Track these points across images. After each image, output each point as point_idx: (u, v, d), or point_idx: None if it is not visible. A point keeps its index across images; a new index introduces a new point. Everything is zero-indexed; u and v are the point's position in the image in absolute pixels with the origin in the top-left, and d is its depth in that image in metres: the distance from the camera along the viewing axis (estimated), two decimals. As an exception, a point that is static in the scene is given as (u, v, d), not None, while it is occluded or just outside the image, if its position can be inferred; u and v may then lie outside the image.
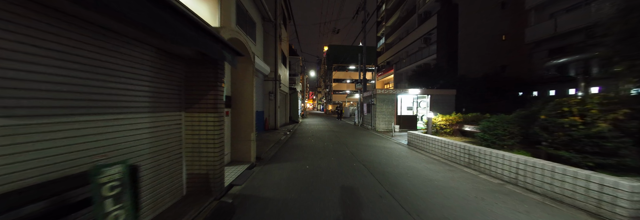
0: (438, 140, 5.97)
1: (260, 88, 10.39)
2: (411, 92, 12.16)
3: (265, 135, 9.01)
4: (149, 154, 2.54)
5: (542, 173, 3.48)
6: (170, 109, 2.90)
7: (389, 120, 12.03)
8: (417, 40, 21.57)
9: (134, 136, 2.35)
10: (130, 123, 2.32)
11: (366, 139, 9.04)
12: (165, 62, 2.78)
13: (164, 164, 2.78)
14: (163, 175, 2.76)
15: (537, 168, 3.54)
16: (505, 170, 4.05)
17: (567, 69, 9.50)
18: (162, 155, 2.75)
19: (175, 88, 2.96)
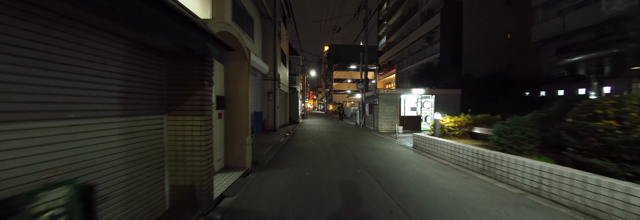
0: (447, 143, 5.57)
1: (259, 88, 10.01)
2: (415, 91, 11.76)
3: (264, 137, 8.63)
4: (121, 165, 2.16)
5: (570, 183, 3.09)
6: (149, 111, 2.52)
7: (392, 121, 11.64)
8: (420, 39, 21.15)
9: (100, 145, 1.96)
10: (96, 130, 1.94)
11: (369, 141, 8.65)
12: (143, 57, 2.39)
13: (142, 176, 2.40)
14: (140, 189, 2.38)
15: (565, 177, 3.14)
16: (526, 178, 3.66)
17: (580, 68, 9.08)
18: (138, 165, 2.37)
19: (155, 88, 2.58)
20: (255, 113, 9.18)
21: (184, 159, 2.76)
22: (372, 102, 12.74)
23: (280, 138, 8.70)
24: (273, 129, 10.87)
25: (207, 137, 2.83)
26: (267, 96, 10.73)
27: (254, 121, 8.88)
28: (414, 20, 23.05)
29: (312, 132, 11.08)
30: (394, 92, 11.69)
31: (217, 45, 2.51)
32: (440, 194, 3.34)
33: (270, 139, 8.22)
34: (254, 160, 5.09)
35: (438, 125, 6.94)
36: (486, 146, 5.20)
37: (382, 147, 7.25)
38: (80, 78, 1.80)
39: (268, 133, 9.88)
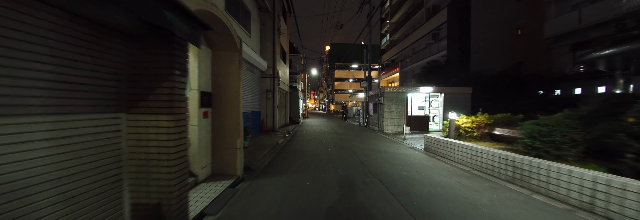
0: (467, 146, 4.92)
1: (257, 86, 9.40)
2: (423, 90, 11.10)
3: (261, 139, 8.00)
4: (51, 181, 1.55)
5: (638, 199, 2.45)
6: (99, 108, 1.90)
7: (399, 121, 10.98)
8: (425, 36, 20.48)
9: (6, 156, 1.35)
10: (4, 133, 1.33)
11: (375, 142, 8.00)
12: (89, 37, 1.78)
13: (88, 194, 1.78)
14: (86, 212, 1.76)
15: (631, 192, 2.50)
16: (573, 191, 3.01)
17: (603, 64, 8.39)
18: (83, 180, 1.75)
19: (110, 77, 1.96)
20: (253, 112, 8.57)
21: (149, 170, 2.14)
22: (376, 101, 12.09)
23: (279, 139, 8.08)
24: (272, 130, 10.25)
25: (178, 142, 2.20)
26: (266, 95, 10.12)
27: (251, 121, 8.27)
28: (419, 17, 22.37)
29: (314, 133, 10.45)
30: (400, 90, 11.03)
31: (185, 18, 1.89)
32: (471, 211, 2.70)
33: (268, 141, 7.60)
34: (247, 166, 4.47)
35: (453, 125, 6.29)
36: (513, 150, 4.55)
37: (390, 150, 6.61)
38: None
39: (266, 134, 9.26)
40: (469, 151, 4.88)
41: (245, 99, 7.89)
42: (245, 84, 7.88)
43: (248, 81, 8.10)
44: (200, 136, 3.59)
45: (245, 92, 7.79)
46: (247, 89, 8.01)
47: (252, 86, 8.57)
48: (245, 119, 7.71)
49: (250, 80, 8.44)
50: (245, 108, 7.85)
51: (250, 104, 8.35)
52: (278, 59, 10.76)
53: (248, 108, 8.08)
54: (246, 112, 7.77)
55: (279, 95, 12.01)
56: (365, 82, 14.31)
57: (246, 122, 7.61)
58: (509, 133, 5.24)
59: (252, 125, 8.68)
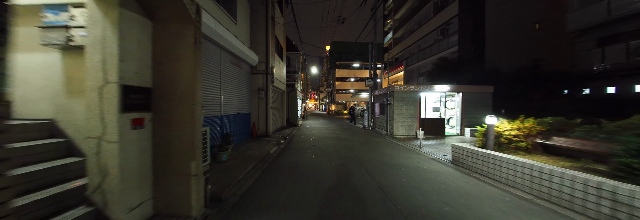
0: (524, 164, 3.52)
1: (245, 83, 7.99)
2: (438, 88, 9.70)
3: (249, 147, 6.60)
4: None
5: None
6: None
7: (410, 124, 9.58)
8: (433, 31, 19.10)
9: None
10: None
11: (387, 151, 6.61)
12: None
13: None
14: None
15: None
16: None
17: None
18: None
19: None
20: (240, 115, 7.17)
21: None
22: (384, 101, 10.69)
23: (272, 147, 6.68)
24: (265, 135, 8.85)
25: None
26: (258, 94, 8.72)
27: (238, 125, 6.86)
28: (426, 12, 21.00)
29: (313, 139, 9.04)
30: (412, 89, 9.63)
31: None
32: None
33: (257, 150, 6.20)
34: (216, 195, 3.08)
35: (492, 133, 4.89)
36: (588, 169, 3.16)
37: (409, 163, 5.21)
38: None
39: (257, 140, 7.85)
40: (528, 171, 3.48)
41: (231, 99, 6.49)
42: (231, 81, 6.49)
43: (233, 77, 6.72)
44: (126, 159, 2.20)
45: (230, 90, 6.40)
46: (232, 87, 6.62)
47: (238, 83, 7.18)
48: (231, 122, 6.32)
49: (237, 76, 7.04)
50: (230, 110, 6.45)
51: (236, 105, 6.96)
52: (272, 53, 9.36)
53: (233, 109, 6.69)
54: (230, 114, 6.38)
55: (274, 94, 10.61)
56: (371, 80, 12.92)
57: (231, 127, 6.22)
58: (577, 145, 3.85)
59: (240, 130, 7.28)
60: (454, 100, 10.33)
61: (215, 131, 5.54)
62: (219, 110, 5.69)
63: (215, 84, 5.48)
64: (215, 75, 5.46)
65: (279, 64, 11.20)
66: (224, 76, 5.95)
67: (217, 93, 5.63)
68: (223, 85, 5.92)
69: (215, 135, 5.52)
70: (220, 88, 5.75)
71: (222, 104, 5.85)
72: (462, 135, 9.79)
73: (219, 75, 5.75)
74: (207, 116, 5.06)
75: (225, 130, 6.03)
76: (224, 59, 5.97)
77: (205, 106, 4.99)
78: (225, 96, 6.05)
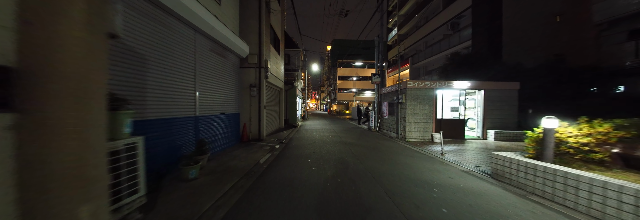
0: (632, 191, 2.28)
1: (233, 77, 6.76)
2: (457, 85, 8.45)
3: (235, 155, 5.38)
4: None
5: None
6: None
7: (425, 126, 8.34)
8: (442, 26, 17.84)
9: None
10: None
11: (405, 160, 5.37)
12: None
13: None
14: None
15: None
16: None
17: None
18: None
19: None
20: (227, 116, 5.94)
21: None
22: (393, 100, 9.45)
23: (263, 155, 5.45)
24: (257, 138, 7.63)
25: None
26: (249, 91, 7.49)
27: (222, 128, 5.63)
28: (434, 6, 19.73)
29: (314, 143, 7.81)
30: (427, 86, 8.38)
31: None
32: None
33: (244, 158, 4.97)
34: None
35: (551, 139, 3.65)
36: None
37: (439, 179, 3.98)
38: None
39: (247, 145, 6.62)
40: (632, 199, 2.24)
41: (211, 96, 5.26)
42: (211, 74, 5.26)
43: (215, 69, 5.49)
44: None
45: (209, 85, 5.17)
46: (214, 81, 5.39)
47: (222, 77, 5.95)
48: (211, 125, 5.09)
49: (220, 69, 5.82)
50: (210, 109, 5.22)
51: (220, 104, 5.73)
52: (267, 45, 8.13)
53: (215, 109, 5.46)
54: (209, 115, 5.14)
55: (269, 92, 9.39)
56: (377, 76, 11.67)
57: (210, 131, 4.99)
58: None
59: (226, 134, 6.05)
60: (473, 98, 9.08)
61: (187, 137, 4.32)
62: (192, 110, 4.46)
63: (184, 75, 4.25)
64: (184, 64, 4.23)
65: (275, 58, 9.98)
66: (199, 67, 4.72)
67: (190, 88, 4.40)
68: (199, 78, 4.69)
69: (187, 143, 4.29)
70: (194, 81, 4.53)
71: (198, 102, 4.63)
72: (484, 138, 8.54)
73: (193, 65, 4.52)
74: (170, 118, 3.84)
75: (203, 135, 4.80)
76: (200, 45, 4.74)
77: (165, 104, 3.76)
78: (202, 92, 4.82)
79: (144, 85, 3.32)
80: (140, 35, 3.23)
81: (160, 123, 3.57)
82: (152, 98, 3.46)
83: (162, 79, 3.65)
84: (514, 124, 8.73)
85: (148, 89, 3.38)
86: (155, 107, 3.53)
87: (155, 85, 3.51)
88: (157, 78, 3.55)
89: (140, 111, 3.23)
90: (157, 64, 3.55)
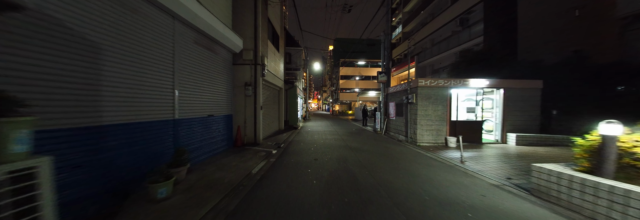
0: None
1: (225, 75, 6.03)
2: (473, 84, 7.67)
3: (224, 163, 4.65)
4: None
5: None
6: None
7: (438, 129, 7.56)
8: (450, 22, 16.99)
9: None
10: None
11: (421, 170, 4.61)
12: None
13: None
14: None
15: None
16: None
17: None
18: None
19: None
20: (215, 118, 5.22)
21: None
22: (402, 100, 8.68)
23: (257, 163, 4.72)
24: (253, 143, 6.91)
25: None
26: (244, 90, 6.77)
27: (209, 133, 4.91)
28: (441, 2, 18.90)
29: (315, 148, 7.07)
30: (441, 84, 7.60)
31: None
32: None
33: (234, 169, 4.23)
34: None
35: (613, 150, 2.89)
36: None
37: (469, 198, 3.22)
38: None
39: (240, 151, 5.89)
40: None
41: (195, 96, 4.53)
42: (196, 70, 4.54)
43: (201, 65, 4.76)
44: None
45: (193, 82, 4.45)
46: (199, 78, 4.66)
47: (211, 74, 5.23)
48: (195, 129, 4.38)
49: (207, 64, 5.10)
50: (194, 111, 4.50)
51: (208, 104, 5.00)
52: (264, 40, 7.40)
53: (201, 110, 4.74)
54: (193, 118, 4.41)
55: (267, 92, 8.66)
56: (383, 75, 10.90)
57: (194, 136, 4.28)
58: None
59: (215, 139, 5.33)
60: (490, 98, 8.28)
61: (162, 145, 3.59)
62: (169, 112, 3.74)
63: (159, 70, 3.53)
64: (158, 57, 3.51)
65: (273, 55, 9.25)
66: (180, 61, 4.00)
67: (166, 85, 3.68)
68: (179, 74, 3.96)
69: (162, 152, 3.56)
70: (172, 78, 3.80)
71: (177, 103, 3.90)
72: (503, 142, 7.75)
73: (171, 59, 3.80)
74: (137, 122, 3.12)
75: (184, 141, 4.07)
76: (180, 35, 4.02)
77: (130, 105, 3.04)
78: (183, 91, 4.10)
79: (98, 82, 2.60)
80: (92, 18, 2.52)
81: (122, 129, 2.85)
82: (110, 98, 2.74)
83: (126, 75, 2.94)
84: (537, 127, 7.92)
85: (104, 87, 2.66)
86: (115, 109, 2.81)
87: (114, 82, 2.80)
88: (119, 73, 2.84)
89: (91, 115, 2.51)
90: (118, 55, 2.83)
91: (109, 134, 2.75)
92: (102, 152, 2.64)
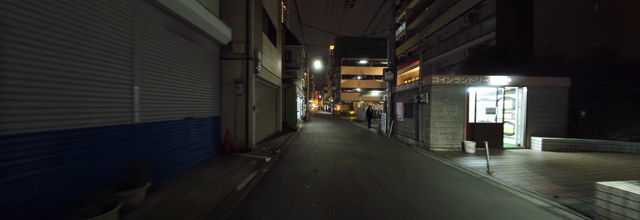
0: None
1: (209, 70, 5.17)
2: (494, 81, 6.81)
3: (202, 177, 3.81)
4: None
5: None
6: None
7: (454, 133, 6.70)
8: (458, 18, 16.12)
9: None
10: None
11: (444, 185, 3.77)
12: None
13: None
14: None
15: None
16: None
17: None
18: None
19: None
20: (196, 121, 4.38)
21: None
22: (412, 99, 7.84)
23: (243, 177, 3.87)
24: (244, 148, 6.07)
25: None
26: (234, 88, 5.93)
27: (188, 139, 4.06)
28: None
29: (315, 155, 6.23)
30: (457, 82, 6.74)
31: None
32: None
33: (212, 186, 3.39)
34: None
35: None
36: None
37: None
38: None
39: (227, 160, 5.05)
40: None
41: (167, 94, 3.69)
42: (167, 62, 3.70)
43: (178, 56, 3.92)
44: None
45: (169, 77, 3.62)
46: (176, 73, 3.82)
47: (190, 68, 4.38)
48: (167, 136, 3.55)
49: (186, 56, 4.26)
50: (166, 112, 3.66)
51: (184, 104, 4.15)
52: (257, 31, 6.57)
53: (176, 112, 3.89)
54: (166, 121, 3.55)
55: (262, 90, 7.83)
56: (390, 72, 10.05)
57: (166, 145, 3.45)
58: None
59: (195, 147, 4.49)
60: (511, 98, 7.41)
61: (115, 158, 2.75)
62: (125, 115, 2.90)
63: (106, 60, 2.69)
64: (104, 43, 2.66)
65: (270, 50, 8.41)
66: (142, 50, 3.16)
67: (120, 80, 2.83)
68: (141, 66, 3.12)
69: (112, 168, 2.71)
70: (130, 71, 2.96)
71: (138, 103, 3.05)
72: (527, 147, 6.89)
73: (129, 46, 2.95)
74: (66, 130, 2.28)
75: (149, 152, 3.23)
76: (143, 16, 3.17)
77: (54, 107, 2.21)
78: (148, 88, 3.26)
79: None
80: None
81: (33, 142, 2.02)
82: (13, 96, 1.91)
83: (45, 63, 2.11)
84: (563, 130, 7.06)
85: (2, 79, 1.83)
86: (24, 113, 1.98)
87: (24, 73, 1.96)
88: (28, 61, 2.00)
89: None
90: (29, 34, 2.00)
91: (20, 146, 1.92)
92: (9, 172, 1.82)
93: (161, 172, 3.43)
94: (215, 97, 5.42)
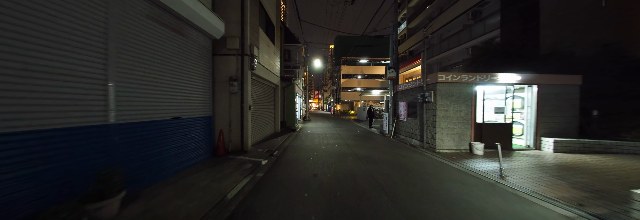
0: None
1: (199, 66, 4.80)
2: (503, 79, 6.47)
3: (190, 183, 3.47)
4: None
5: None
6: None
7: (462, 133, 6.36)
8: (461, 15, 15.77)
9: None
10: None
11: (457, 193, 3.43)
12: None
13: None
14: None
15: None
16: None
17: None
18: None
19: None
20: (184, 121, 4.02)
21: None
22: (416, 98, 7.50)
23: (235, 182, 3.53)
24: (239, 150, 5.72)
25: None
26: (229, 86, 5.58)
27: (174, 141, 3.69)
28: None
29: (315, 157, 5.88)
30: (464, 79, 6.40)
31: None
32: None
33: (200, 194, 3.04)
34: None
35: None
36: None
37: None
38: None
39: (219, 163, 4.70)
40: None
41: (150, 90, 3.33)
42: (154, 57, 3.34)
43: (164, 50, 3.57)
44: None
45: (152, 73, 3.27)
46: (161, 68, 3.46)
47: (178, 63, 4.03)
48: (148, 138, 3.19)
49: (173, 50, 3.90)
50: (150, 112, 3.31)
51: (171, 102, 3.80)
52: (253, 26, 6.21)
53: (163, 112, 3.54)
54: (149, 121, 3.20)
55: (259, 89, 7.48)
56: (393, 70, 9.70)
57: (147, 147, 3.10)
58: None
59: (185, 149, 4.14)
60: (520, 96, 7.08)
61: (84, 163, 2.40)
62: (99, 115, 2.56)
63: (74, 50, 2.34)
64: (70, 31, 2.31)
65: (267, 47, 8.05)
66: (119, 41, 2.81)
67: (93, 75, 2.50)
68: (117, 59, 2.77)
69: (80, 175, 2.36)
70: (105, 64, 2.61)
71: (113, 101, 2.71)
72: (537, 148, 6.56)
73: (102, 36, 2.61)
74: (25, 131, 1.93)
75: (129, 156, 2.88)
76: (119, 2, 2.82)
77: (8, 104, 1.85)
78: (126, 84, 2.91)
79: None
80: None
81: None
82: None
83: None
84: (575, 130, 6.72)
85: None
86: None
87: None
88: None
89: None
90: None
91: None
92: None
93: (143, 178, 3.08)
94: (207, 95, 5.07)
